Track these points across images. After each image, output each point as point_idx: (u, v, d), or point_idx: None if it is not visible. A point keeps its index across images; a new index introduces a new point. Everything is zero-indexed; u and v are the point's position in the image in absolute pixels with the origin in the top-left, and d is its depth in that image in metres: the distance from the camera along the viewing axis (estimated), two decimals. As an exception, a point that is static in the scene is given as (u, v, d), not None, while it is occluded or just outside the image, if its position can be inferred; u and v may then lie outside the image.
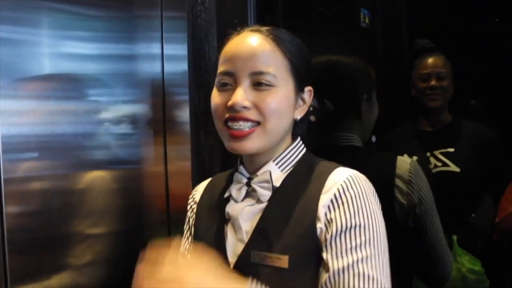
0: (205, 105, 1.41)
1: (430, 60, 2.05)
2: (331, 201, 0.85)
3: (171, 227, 1.44)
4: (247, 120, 0.88)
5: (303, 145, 0.98)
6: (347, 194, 0.85)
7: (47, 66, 1.26)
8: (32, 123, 1.22)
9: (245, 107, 0.87)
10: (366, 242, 0.83)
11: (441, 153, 1.97)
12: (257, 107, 0.87)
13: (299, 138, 0.98)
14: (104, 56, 1.35)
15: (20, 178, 1.19)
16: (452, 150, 1.97)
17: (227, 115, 0.89)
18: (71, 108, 1.29)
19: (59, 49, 1.27)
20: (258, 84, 0.88)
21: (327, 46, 1.45)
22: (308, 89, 0.97)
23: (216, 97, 0.92)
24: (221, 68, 0.91)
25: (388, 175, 1.24)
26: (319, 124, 1.04)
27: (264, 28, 0.93)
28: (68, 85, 1.30)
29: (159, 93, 1.44)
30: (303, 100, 0.96)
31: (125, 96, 1.40)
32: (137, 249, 1.36)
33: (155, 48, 1.44)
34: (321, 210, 0.85)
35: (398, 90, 2.22)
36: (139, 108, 1.41)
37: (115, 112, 1.37)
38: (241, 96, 0.87)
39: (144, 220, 1.42)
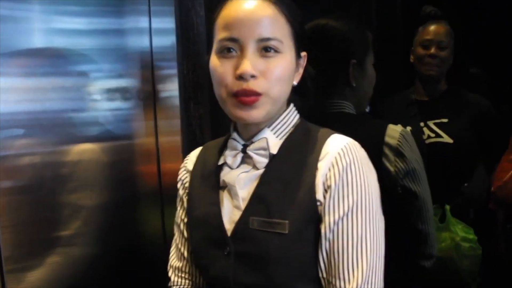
0: (194, 76, 1.40)
1: (433, 27, 2.00)
2: (329, 169, 0.85)
3: (163, 198, 1.45)
4: (253, 91, 0.85)
5: (296, 111, 0.97)
6: (343, 162, 0.85)
7: (35, 42, 1.25)
8: (21, 100, 1.21)
9: (253, 76, 0.85)
10: (358, 208, 0.84)
11: (435, 124, 1.96)
12: (263, 75, 0.86)
13: (292, 105, 0.97)
14: (92, 31, 1.34)
15: (10, 155, 1.19)
16: (446, 120, 1.96)
17: (235, 89, 0.86)
18: (60, 84, 1.28)
19: (47, 24, 1.26)
20: (265, 50, 0.86)
21: (320, 11, 1.41)
22: (303, 54, 0.95)
23: (219, 65, 0.88)
24: (222, 34, 0.87)
25: (376, 143, 1.23)
26: (309, 89, 1.02)
27: None
28: (57, 60, 1.28)
29: (148, 66, 1.43)
30: (300, 65, 0.95)
31: (114, 71, 1.39)
32: (130, 220, 1.40)
33: (143, 22, 1.42)
34: (319, 180, 0.86)
35: (391, 58, 2.19)
36: (128, 82, 1.40)
37: (104, 87, 1.36)
38: (251, 63, 0.84)
39: (137, 192, 1.43)
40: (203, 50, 1.41)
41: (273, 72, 0.86)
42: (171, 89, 1.43)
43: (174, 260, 1.07)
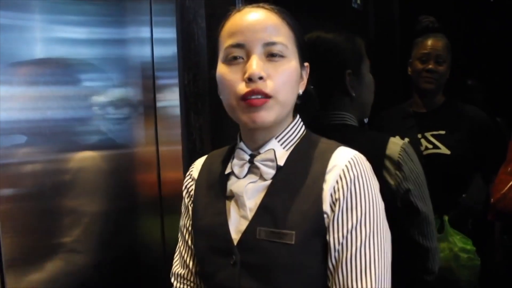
0: (195, 86, 1.42)
1: (431, 41, 2.01)
2: (336, 181, 0.86)
3: (163, 207, 1.45)
4: (263, 94, 0.86)
5: (302, 123, 0.98)
6: (350, 175, 0.86)
7: (37, 51, 1.26)
8: (23, 108, 1.22)
9: (261, 78, 0.85)
10: (366, 220, 0.85)
11: (432, 135, 1.97)
12: (270, 77, 0.87)
13: (298, 116, 0.98)
14: (94, 40, 1.35)
15: (11, 163, 1.19)
16: (443, 132, 1.97)
17: (245, 91, 0.86)
18: (61, 93, 1.29)
19: (49, 33, 1.27)
20: (271, 54, 0.87)
21: (318, 27, 1.43)
22: (306, 64, 0.97)
23: (227, 73, 0.88)
24: (228, 42, 0.88)
25: (377, 156, 1.22)
26: (308, 103, 1.03)
27: (265, 4, 0.92)
28: (58, 70, 1.29)
29: (149, 76, 1.44)
30: (304, 74, 0.96)
31: (115, 80, 1.40)
32: (130, 228, 1.40)
33: (145, 32, 1.43)
34: (327, 192, 0.86)
35: (389, 71, 2.21)
36: (129, 92, 1.41)
37: (105, 96, 1.37)
38: (258, 65, 0.85)
39: (137, 201, 1.43)
40: (204, 61, 1.43)
41: (280, 75, 0.87)
42: (171, 99, 1.44)
43: (177, 268, 1.07)
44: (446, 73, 2.02)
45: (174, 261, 1.08)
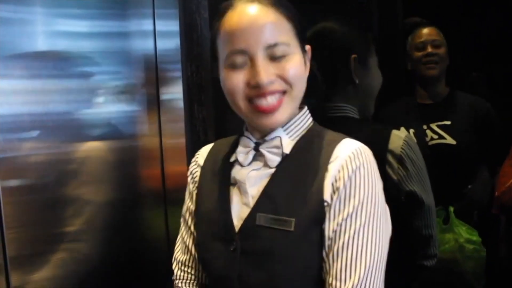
0: (198, 78, 1.41)
1: (424, 30, 2.06)
2: (338, 171, 0.86)
3: (167, 199, 1.45)
4: (274, 92, 0.86)
5: (309, 114, 0.98)
6: (353, 165, 0.85)
7: (40, 45, 1.27)
8: (26, 102, 1.22)
9: (271, 82, 0.85)
10: (362, 210, 0.84)
11: (438, 126, 1.97)
12: (281, 77, 0.86)
13: (306, 107, 0.98)
14: (96, 34, 1.35)
15: (14, 156, 1.20)
16: (448, 123, 1.97)
17: (251, 93, 0.86)
18: (64, 86, 1.29)
19: (52, 27, 1.27)
20: (274, 55, 0.86)
21: (321, 20, 1.43)
22: (307, 47, 0.96)
23: (231, 78, 0.87)
24: (229, 47, 0.87)
25: (380, 150, 1.21)
26: (314, 93, 1.03)
27: None
28: (61, 63, 1.30)
29: (152, 69, 1.43)
30: (307, 59, 0.95)
31: (119, 73, 1.40)
32: (134, 221, 1.40)
33: (147, 25, 1.43)
34: (328, 181, 0.86)
35: (393, 65, 2.20)
36: (132, 85, 1.41)
37: (108, 89, 1.37)
38: (265, 72, 0.84)
39: (140, 193, 1.43)
40: (207, 52, 1.42)
41: (289, 72, 0.86)
42: (175, 92, 1.44)
43: (178, 253, 1.07)
44: (445, 57, 2.04)
45: (176, 246, 1.08)
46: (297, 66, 0.88)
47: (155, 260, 1.43)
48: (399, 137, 1.24)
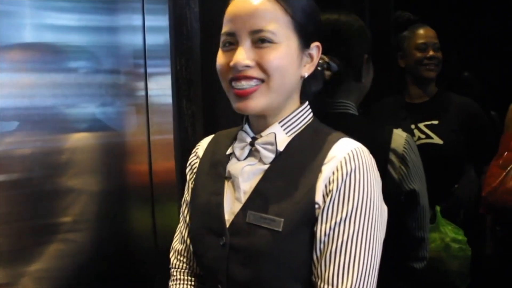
0: (187, 72, 1.40)
1: (425, 31, 2.06)
2: (332, 172, 0.85)
3: (154, 195, 1.45)
4: (249, 78, 0.86)
5: (310, 110, 0.97)
6: (348, 167, 0.84)
7: (28, 37, 1.26)
8: (11, 95, 1.21)
9: (247, 66, 0.85)
10: (357, 215, 0.83)
11: (425, 126, 1.98)
12: (259, 64, 0.86)
13: (307, 102, 0.97)
14: (85, 27, 1.34)
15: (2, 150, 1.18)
16: (436, 122, 1.98)
17: (230, 76, 0.88)
18: (52, 80, 1.28)
19: (40, 20, 1.26)
20: (258, 41, 0.86)
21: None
22: (315, 45, 0.94)
23: (220, 58, 0.90)
24: (224, 29, 0.90)
25: (383, 149, 1.21)
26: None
27: None
28: (50, 57, 1.29)
29: (141, 63, 1.43)
30: (310, 56, 0.94)
31: (106, 68, 1.39)
32: (120, 217, 1.39)
33: (137, 20, 1.42)
34: (321, 183, 0.85)
35: (383, 62, 2.21)
36: (121, 79, 1.41)
37: (97, 84, 1.36)
38: (242, 55, 0.86)
39: (127, 189, 1.43)
40: (197, 46, 1.41)
41: (267, 61, 0.86)
42: (163, 87, 1.43)
43: (176, 243, 1.09)
44: (441, 60, 2.05)
45: (175, 236, 1.10)
46: (279, 56, 0.87)
47: (142, 255, 1.43)
48: (400, 136, 1.24)
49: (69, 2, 1.30)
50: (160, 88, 1.43)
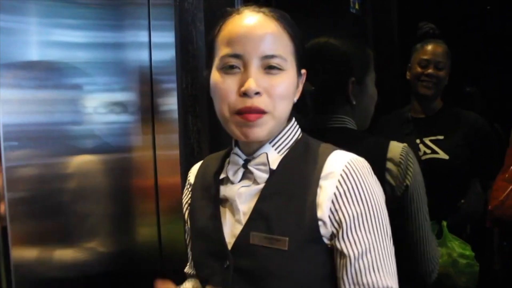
0: (193, 89, 1.41)
1: (432, 47, 2.04)
2: (335, 193, 0.85)
3: (160, 212, 1.44)
4: (261, 112, 0.85)
5: (298, 126, 0.97)
6: (351, 182, 0.85)
7: (35, 55, 1.26)
8: (18, 112, 1.21)
9: (257, 93, 0.84)
10: (373, 227, 0.84)
11: (431, 141, 1.98)
12: (267, 92, 0.85)
13: (293, 119, 0.96)
14: (92, 44, 1.35)
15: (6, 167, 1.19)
16: (441, 137, 1.98)
17: (239, 106, 0.85)
18: (58, 97, 1.29)
19: (47, 37, 1.27)
20: (269, 67, 0.85)
21: (316, 32, 1.43)
22: (303, 71, 0.95)
23: (221, 82, 0.86)
24: (225, 50, 0.86)
25: (379, 158, 1.21)
26: (307, 106, 1.02)
27: (265, 9, 0.89)
28: (56, 74, 1.29)
29: (147, 80, 1.43)
30: (300, 82, 0.95)
31: (114, 84, 1.40)
32: (126, 233, 1.39)
33: (143, 36, 1.43)
34: (323, 199, 0.85)
35: (387, 77, 2.22)
36: (127, 96, 1.41)
37: (103, 100, 1.37)
38: (255, 81, 0.83)
39: (134, 205, 1.43)
40: (202, 64, 1.42)
41: (276, 89, 0.85)
42: (169, 103, 1.44)
43: (187, 268, 1.12)
44: (444, 79, 2.04)
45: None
46: (287, 84, 0.87)
47: (148, 271, 1.42)
48: (397, 146, 1.25)
49: (76, 19, 1.31)
50: (166, 104, 1.44)
